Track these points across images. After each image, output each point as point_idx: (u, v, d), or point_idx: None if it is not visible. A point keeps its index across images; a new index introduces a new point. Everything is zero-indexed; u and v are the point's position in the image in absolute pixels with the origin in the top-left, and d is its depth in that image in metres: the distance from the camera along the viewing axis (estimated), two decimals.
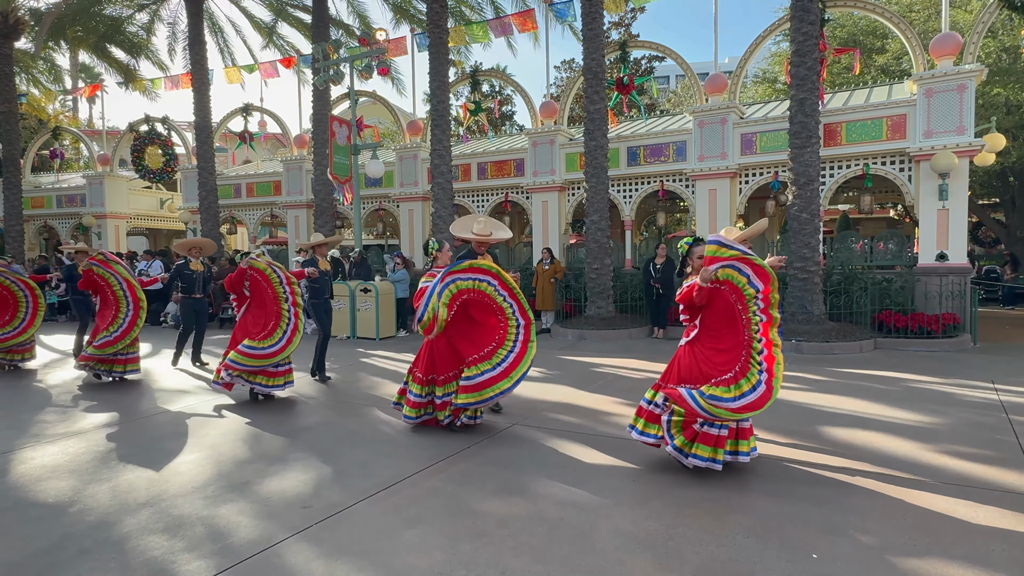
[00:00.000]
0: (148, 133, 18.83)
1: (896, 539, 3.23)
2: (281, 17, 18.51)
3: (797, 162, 10.14)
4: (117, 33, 18.58)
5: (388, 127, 28.22)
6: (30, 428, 5.71)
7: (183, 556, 3.18)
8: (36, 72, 21.29)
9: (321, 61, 13.22)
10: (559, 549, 3.18)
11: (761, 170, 12.47)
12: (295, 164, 17.76)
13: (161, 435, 5.45)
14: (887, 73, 18.24)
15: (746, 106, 14.94)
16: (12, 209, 18.38)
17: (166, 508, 3.79)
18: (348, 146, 13.06)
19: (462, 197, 15.74)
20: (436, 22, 13.32)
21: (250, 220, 19.36)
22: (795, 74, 10.16)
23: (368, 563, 3.07)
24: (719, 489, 3.93)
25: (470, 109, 16.01)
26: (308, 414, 6.07)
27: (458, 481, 4.18)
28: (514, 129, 30.13)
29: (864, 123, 11.35)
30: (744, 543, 3.21)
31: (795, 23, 10.14)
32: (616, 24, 30.38)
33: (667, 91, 41.46)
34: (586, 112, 11.95)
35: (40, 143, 21.91)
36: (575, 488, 4.01)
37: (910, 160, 11.10)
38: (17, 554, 3.24)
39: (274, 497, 3.94)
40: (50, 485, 4.23)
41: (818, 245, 10.24)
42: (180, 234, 24.05)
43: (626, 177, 13.83)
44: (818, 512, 3.57)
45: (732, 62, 34.12)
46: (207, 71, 16.81)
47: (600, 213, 11.84)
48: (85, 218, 19.91)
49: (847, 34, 19.13)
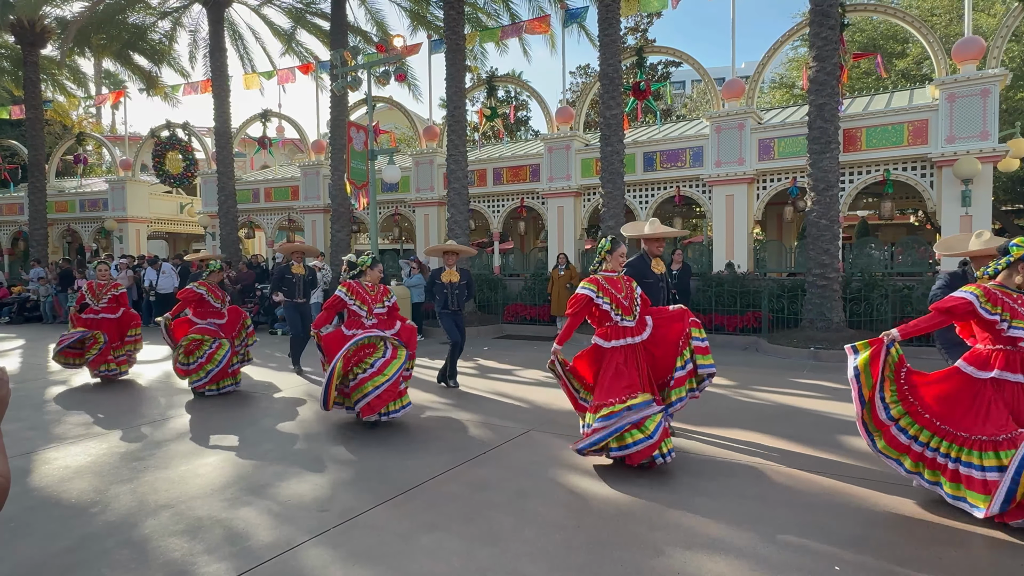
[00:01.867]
0: (169, 139, 19.15)
1: (920, 552, 3.16)
2: (300, 24, 18.74)
3: (816, 168, 10.04)
4: (140, 41, 18.94)
5: (404, 132, 28.43)
6: (53, 429, 5.79)
7: (203, 558, 3.20)
8: (61, 79, 21.74)
9: (339, 67, 13.32)
10: (577, 557, 3.16)
11: (779, 176, 12.36)
12: (312, 169, 17.94)
13: (180, 437, 5.51)
14: (907, 78, 18.05)
15: (763, 111, 14.83)
16: (36, 213, 18.76)
17: (185, 510, 3.82)
18: (365, 151, 13.16)
19: (478, 202, 15.78)
20: (453, 28, 13.41)
21: (268, 224, 19.57)
22: (814, 79, 10.07)
23: (385, 568, 3.07)
24: (736, 496, 3.88)
25: (486, 115, 16.07)
26: (324, 419, 6.10)
27: (474, 486, 4.17)
28: (529, 135, 30.18)
29: (885, 128, 11.22)
30: (765, 552, 3.16)
31: (814, 28, 10.06)
32: (632, 29, 30.37)
33: (682, 96, 41.33)
34: (602, 117, 11.94)
35: (64, 148, 22.36)
36: (592, 495, 3.98)
37: (932, 166, 10.94)
38: (41, 553, 3.28)
39: (292, 500, 3.96)
40: (73, 485, 4.28)
41: (837, 252, 10.12)
42: (199, 238, 24.39)
43: (642, 183, 13.79)
44: (838, 523, 3.51)
45: (748, 67, 33.92)
46: (227, 78, 17.06)
47: (616, 219, 11.80)
48: (107, 222, 20.26)
49: (867, 39, 18.96)
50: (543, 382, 7.75)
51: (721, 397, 6.78)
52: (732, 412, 6.08)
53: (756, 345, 10.35)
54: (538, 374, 8.09)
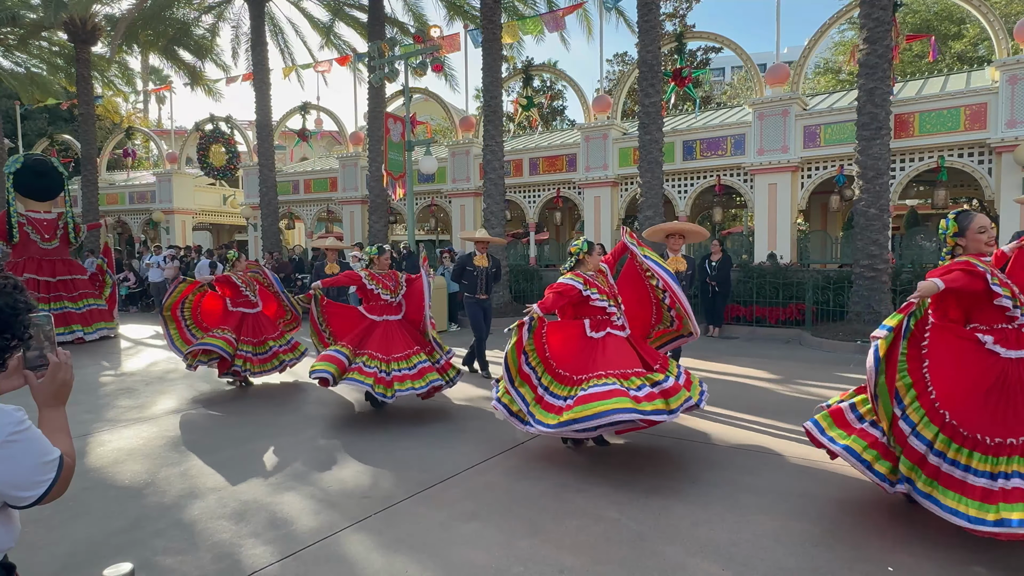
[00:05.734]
0: (213, 132, 19.62)
1: (975, 554, 3.02)
2: (338, 17, 18.91)
3: (865, 155, 9.67)
4: (185, 36, 19.41)
5: (440, 123, 28.51)
6: (106, 413, 6.02)
7: (248, 541, 3.28)
8: (110, 75, 22.47)
9: (376, 59, 13.42)
10: (618, 550, 3.12)
11: (825, 164, 11.97)
12: (350, 161, 18.16)
13: (227, 423, 5.65)
14: (963, 60, 17.23)
15: (808, 97, 14.36)
16: (89, 205, 19.47)
17: (232, 494, 3.92)
18: (402, 143, 13.24)
19: (514, 193, 15.74)
20: (490, 18, 13.33)
21: (307, 216, 19.92)
22: (865, 62, 9.68)
23: (426, 556, 3.09)
24: (783, 494, 3.77)
25: (522, 104, 15.98)
26: (364, 406, 6.18)
27: (513, 476, 4.16)
28: (564, 124, 29.92)
29: (940, 113, 10.73)
30: (813, 553, 3.07)
31: (865, 8, 9.66)
32: (670, 15, 29.71)
33: (722, 83, 40.34)
34: (641, 106, 11.72)
35: (114, 143, 23.14)
36: (633, 487, 3.93)
37: (990, 152, 10.43)
38: (98, 532, 3.41)
39: (333, 487, 4.02)
40: (126, 467, 4.44)
41: (886, 242, 9.76)
42: (242, 229, 24.99)
43: (681, 172, 13.52)
44: (890, 524, 3.38)
45: (791, 53, 32.82)
46: (268, 71, 17.34)
47: (654, 208, 11.61)
48: (155, 214, 20.92)
49: (920, 20, 18.18)
50: None
51: (765, 390, 6.62)
52: (775, 405, 5.93)
53: (799, 338, 10.08)
54: None
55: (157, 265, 15.99)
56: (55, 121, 25.63)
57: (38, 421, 1.42)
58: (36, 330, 1.41)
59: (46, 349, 1.42)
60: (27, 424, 1.31)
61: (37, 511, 1.77)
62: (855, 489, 3.85)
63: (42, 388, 1.42)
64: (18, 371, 1.41)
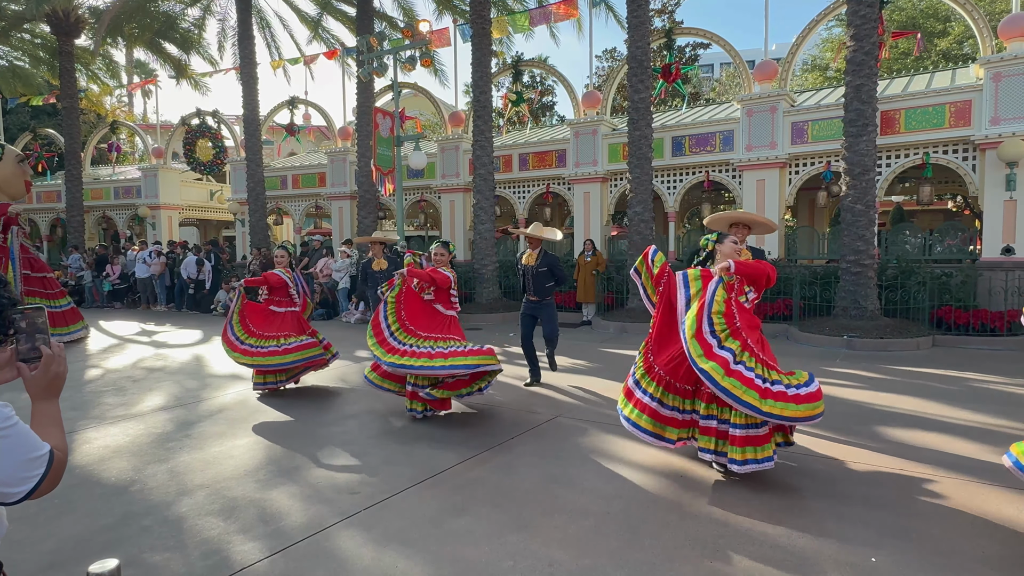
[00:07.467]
0: (199, 127, 19.42)
1: (963, 545, 3.07)
2: (327, 11, 18.76)
3: (852, 151, 9.75)
4: (170, 29, 19.18)
5: (430, 119, 28.41)
6: (92, 410, 5.96)
7: (237, 537, 3.26)
8: (95, 68, 22.15)
9: (365, 53, 13.34)
10: (606, 543, 3.14)
11: (812, 160, 12.05)
12: (339, 156, 18.04)
13: (214, 420, 5.62)
14: (948, 58, 17.40)
15: (796, 93, 14.45)
16: (73, 200, 19.23)
17: (220, 490, 3.90)
18: (391, 138, 13.18)
19: (503, 188, 15.72)
20: (479, 12, 13.28)
21: (296, 211, 19.78)
22: (852, 59, 9.75)
23: (416, 551, 3.09)
24: (772, 488, 3.82)
25: (511, 100, 15.94)
26: (353, 402, 6.17)
27: (502, 472, 4.17)
28: (554, 120, 29.91)
29: (925, 110, 10.84)
30: (800, 544, 3.11)
31: (852, 5, 9.72)
32: (659, 11, 29.76)
33: (710, 80, 40.48)
34: (630, 101, 11.75)
35: (99, 137, 22.84)
36: (620, 482, 3.96)
37: (975, 148, 10.55)
38: (84, 529, 3.39)
39: (322, 483, 4.02)
40: (112, 465, 4.40)
41: (872, 238, 9.85)
42: (229, 225, 24.79)
43: (670, 168, 13.57)
44: (877, 515, 3.43)
45: (779, 50, 33.02)
46: (255, 65, 17.17)
47: (643, 204, 11.65)
48: (140, 209, 20.69)
49: (906, 17, 18.33)
50: (570, 368, 7.73)
51: None
52: None
53: (786, 333, 10.17)
54: (565, 360, 8.05)
55: (143, 261, 15.84)
56: (38, 115, 25.25)
57: (31, 414, 1.41)
58: (29, 322, 1.40)
59: (39, 341, 1.41)
60: (14, 420, 1.30)
61: (23, 508, 1.75)
62: (844, 482, 3.89)
63: (35, 381, 1.41)
64: (10, 364, 1.40)
